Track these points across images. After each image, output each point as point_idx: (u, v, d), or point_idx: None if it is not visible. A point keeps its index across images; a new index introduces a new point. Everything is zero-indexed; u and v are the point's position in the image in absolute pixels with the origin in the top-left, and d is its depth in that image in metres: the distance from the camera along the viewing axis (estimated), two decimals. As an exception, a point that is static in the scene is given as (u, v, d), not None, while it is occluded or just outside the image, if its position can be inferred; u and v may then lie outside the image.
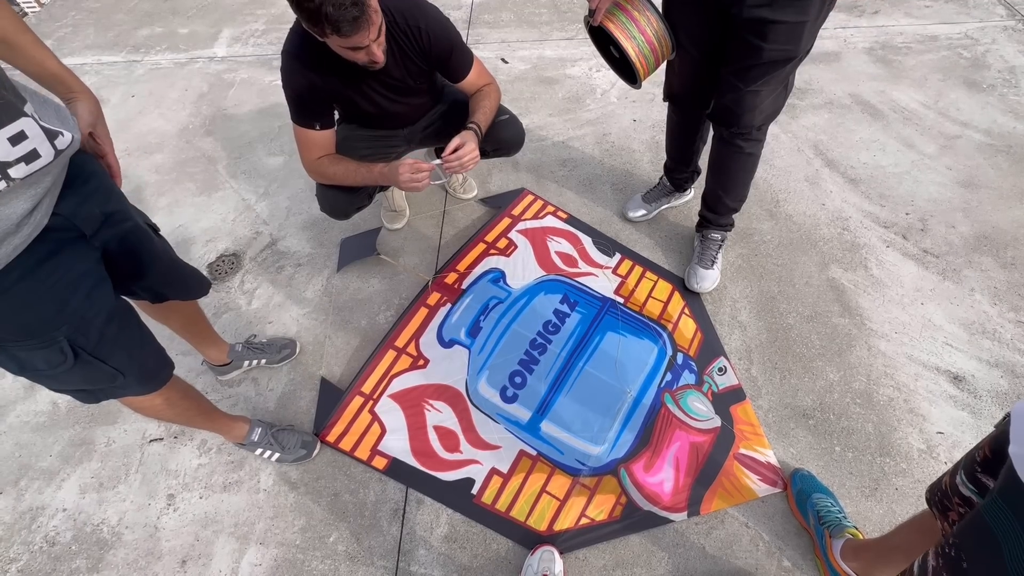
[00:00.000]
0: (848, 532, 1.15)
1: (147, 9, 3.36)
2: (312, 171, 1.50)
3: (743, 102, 1.34)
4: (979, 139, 2.17)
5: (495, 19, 3.03)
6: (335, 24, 1.10)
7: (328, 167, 1.47)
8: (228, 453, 1.45)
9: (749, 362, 1.56)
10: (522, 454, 1.40)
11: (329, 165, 1.47)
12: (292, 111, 1.40)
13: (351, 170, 1.46)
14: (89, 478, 1.43)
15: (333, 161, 1.47)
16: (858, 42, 2.69)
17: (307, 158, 1.47)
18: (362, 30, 1.14)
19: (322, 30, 1.13)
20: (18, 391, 1.60)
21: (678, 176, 1.87)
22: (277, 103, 2.55)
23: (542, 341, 1.59)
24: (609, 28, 1.29)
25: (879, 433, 1.41)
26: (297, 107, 1.39)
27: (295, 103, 1.39)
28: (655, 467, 1.37)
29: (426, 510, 1.34)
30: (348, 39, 1.15)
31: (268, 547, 1.30)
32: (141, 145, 2.42)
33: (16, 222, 0.73)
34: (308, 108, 1.39)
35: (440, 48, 1.41)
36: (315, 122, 1.41)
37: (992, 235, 1.84)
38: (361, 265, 1.85)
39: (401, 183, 1.39)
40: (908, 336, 1.59)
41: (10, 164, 0.70)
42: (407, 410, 1.48)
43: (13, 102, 0.71)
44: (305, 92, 1.36)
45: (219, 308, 1.78)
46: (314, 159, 1.46)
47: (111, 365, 0.92)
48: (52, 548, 1.32)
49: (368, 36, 1.17)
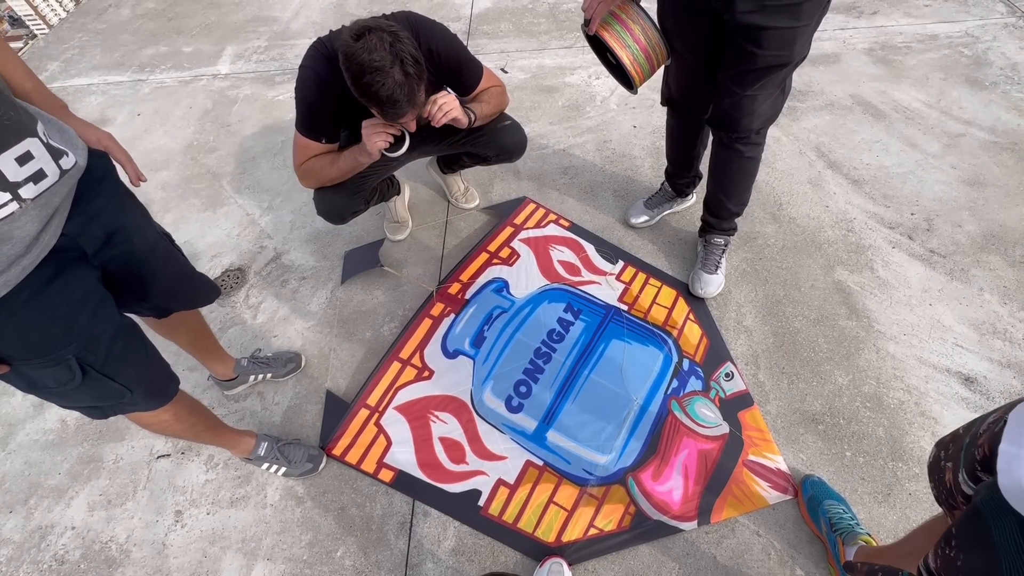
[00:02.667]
0: (861, 539, 1.13)
1: (152, 29, 3.41)
2: (302, 172, 1.50)
3: (741, 106, 1.34)
4: (983, 137, 2.15)
5: (494, 29, 3.06)
6: (382, 110, 1.19)
7: (314, 163, 1.47)
8: (235, 468, 1.45)
9: (756, 367, 1.55)
10: (528, 464, 1.40)
11: (315, 162, 1.47)
12: (300, 121, 1.40)
13: (328, 160, 1.46)
14: (97, 495, 1.44)
15: (319, 159, 1.47)
16: (857, 43, 2.68)
17: (299, 161, 1.47)
18: (406, 117, 1.22)
19: (366, 104, 1.19)
20: (27, 409, 1.61)
21: (679, 181, 1.87)
22: (280, 118, 2.58)
23: (547, 350, 1.59)
24: (604, 37, 1.30)
25: (890, 437, 1.39)
26: (308, 121, 1.39)
27: (306, 116, 1.39)
28: (663, 475, 1.36)
29: (433, 523, 1.33)
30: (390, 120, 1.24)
31: (275, 563, 1.30)
32: (147, 163, 2.45)
33: (28, 244, 0.74)
34: (320, 124, 1.40)
35: (450, 65, 1.43)
36: (321, 137, 1.41)
37: (999, 233, 1.82)
38: (365, 277, 1.86)
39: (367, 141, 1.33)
40: (917, 338, 1.58)
41: (20, 184, 0.71)
42: (412, 422, 1.48)
43: (24, 121, 0.72)
44: (321, 109, 1.37)
45: (225, 323, 1.79)
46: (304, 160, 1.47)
47: (119, 382, 0.93)
48: (61, 567, 1.33)
49: (410, 119, 1.24)
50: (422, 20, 1.40)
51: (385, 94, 1.14)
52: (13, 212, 0.70)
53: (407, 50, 1.14)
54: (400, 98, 1.15)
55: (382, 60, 1.11)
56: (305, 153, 1.45)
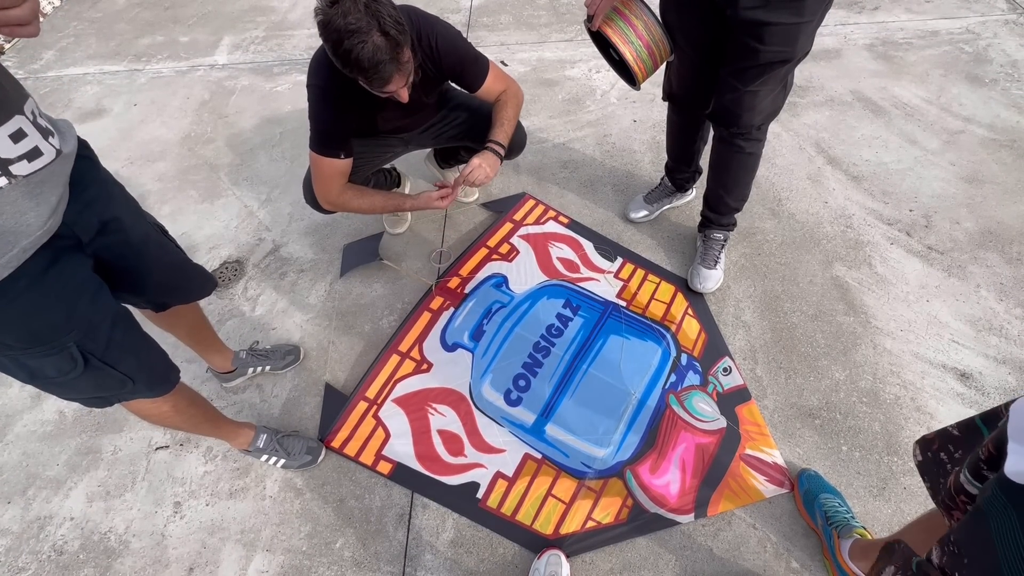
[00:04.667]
0: (856, 532, 1.14)
1: (148, 18, 3.38)
2: (332, 204, 1.49)
3: (742, 102, 1.33)
4: (982, 134, 2.16)
5: (494, 22, 3.03)
6: (368, 77, 1.14)
7: (353, 200, 1.48)
8: (234, 460, 1.45)
9: (754, 362, 1.56)
10: (527, 457, 1.40)
11: (354, 198, 1.48)
12: (317, 142, 1.37)
13: (378, 203, 1.52)
14: (96, 487, 1.44)
15: (358, 194, 1.49)
16: (858, 39, 2.68)
17: (329, 189, 1.45)
18: (393, 83, 1.18)
19: (354, 77, 1.16)
20: (24, 401, 1.61)
21: (679, 176, 1.87)
22: (278, 110, 2.57)
23: (545, 344, 1.59)
24: (607, 33, 1.29)
25: (886, 432, 1.40)
26: (323, 139, 1.37)
27: (322, 136, 1.37)
28: (661, 469, 1.37)
29: (432, 515, 1.34)
30: (379, 89, 1.18)
31: (275, 554, 1.30)
32: (144, 154, 2.43)
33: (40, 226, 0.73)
34: (335, 139, 1.38)
35: (452, 61, 1.40)
36: (340, 151, 1.39)
37: (997, 230, 1.82)
38: (364, 270, 1.86)
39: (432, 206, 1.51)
40: (914, 334, 1.59)
41: (11, 161, 0.70)
42: (411, 414, 1.48)
43: (13, 98, 0.71)
44: (332, 125, 1.36)
45: (223, 315, 1.78)
46: (336, 190, 1.45)
47: (120, 371, 0.92)
48: (60, 557, 1.33)
49: (397, 84, 1.19)
50: (424, 15, 1.38)
51: (366, 57, 1.08)
52: (2, 187, 0.70)
53: (385, 11, 1.10)
54: (383, 59, 1.10)
55: (358, 22, 1.07)
56: (330, 177, 1.43)
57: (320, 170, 1.42)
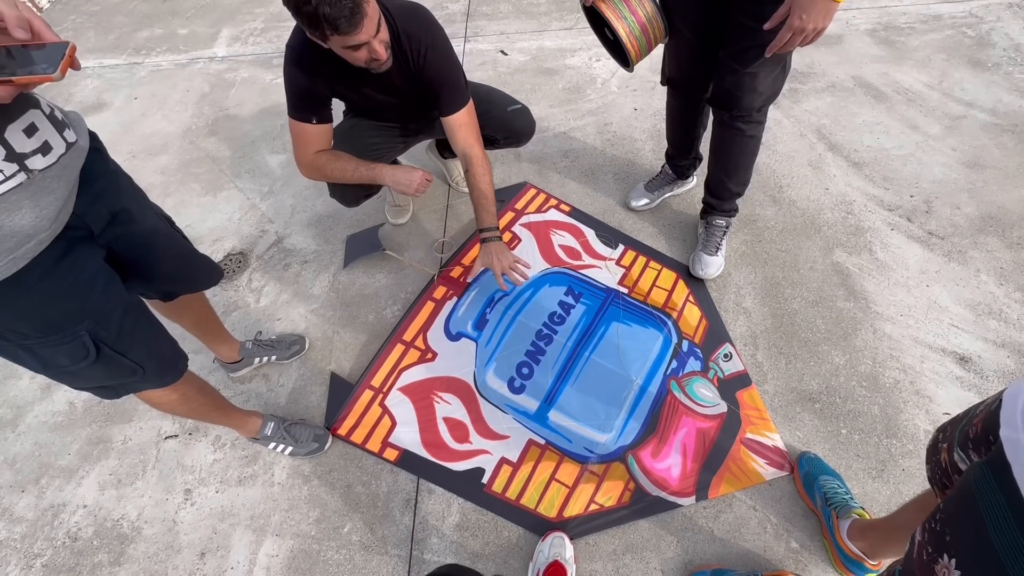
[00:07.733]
0: (855, 513, 1.16)
1: (146, 11, 3.37)
2: (308, 168, 1.49)
3: (742, 84, 1.33)
4: (984, 119, 2.15)
5: (493, 11, 3.02)
6: (333, 23, 1.10)
7: (326, 164, 1.46)
8: (242, 448, 1.48)
9: (755, 348, 1.57)
10: (531, 443, 1.42)
11: (328, 162, 1.46)
12: (289, 105, 1.40)
13: (350, 168, 1.47)
14: (107, 475, 1.46)
15: (332, 158, 1.47)
16: (860, 23, 2.66)
17: (302, 154, 1.46)
18: (360, 25, 1.14)
19: (323, 33, 1.13)
20: (35, 392, 1.64)
21: (680, 163, 1.87)
22: (279, 102, 2.56)
23: (548, 332, 1.61)
24: (601, 9, 1.30)
25: (885, 415, 1.42)
26: (294, 101, 1.39)
27: (293, 97, 1.39)
28: (662, 453, 1.39)
29: (437, 500, 1.36)
30: (349, 37, 1.15)
31: (284, 538, 1.33)
32: (145, 147, 2.44)
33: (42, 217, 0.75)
34: (305, 102, 1.39)
35: (433, 74, 1.39)
36: (311, 116, 1.40)
37: (998, 215, 1.83)
38: (367, 261, 1.87)
39: (414, 189, 1.48)
40: (914, 318, 1.60)
41: (27, 155, 0.71)
42: (417, 403, 1.50)
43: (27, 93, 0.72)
44: (304, 87, 1.37)
45: (228, 306, 1.80)
46: (310, 155, 1.46)
47: (131, 359, 0.94)
48: (75, 543, 1.36)
49: (368, 31, 1.16)
50: (428, 23, 1.37)
51: (326, 9, 1.07)
52: (21, 183, 0.71)
53: None
54: (345, 3, 1.08)
55: None
56: (305, 141, 1.44)
57: (293, 134, 1.45)
